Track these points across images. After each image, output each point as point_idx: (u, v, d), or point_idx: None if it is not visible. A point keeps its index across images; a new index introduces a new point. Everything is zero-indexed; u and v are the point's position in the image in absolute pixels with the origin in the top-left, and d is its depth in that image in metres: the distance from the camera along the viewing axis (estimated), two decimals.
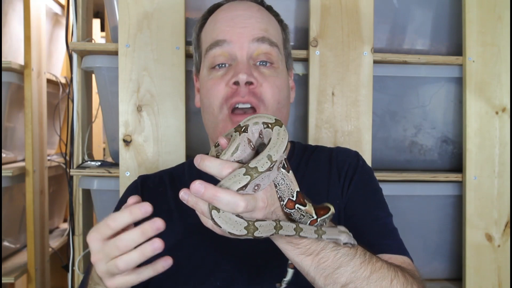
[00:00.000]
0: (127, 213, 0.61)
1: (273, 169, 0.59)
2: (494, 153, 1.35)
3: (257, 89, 0.82)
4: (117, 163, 1.30)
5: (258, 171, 0.57)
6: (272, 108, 0.83)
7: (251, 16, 0.86)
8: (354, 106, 1.30)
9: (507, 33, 1.35)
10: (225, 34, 0.85)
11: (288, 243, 0.65)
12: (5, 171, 1.45)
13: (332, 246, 0.66)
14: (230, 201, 0.55)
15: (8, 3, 1.58)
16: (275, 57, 0.86)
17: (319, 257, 0.65)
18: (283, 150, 0.60)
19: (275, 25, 0.91)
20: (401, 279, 0.69)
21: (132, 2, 1.24)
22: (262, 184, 0.59)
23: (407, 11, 1.39)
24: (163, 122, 1.25)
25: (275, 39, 0.87)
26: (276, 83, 0.84)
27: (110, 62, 1.29)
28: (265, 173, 0.58)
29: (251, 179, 0.57)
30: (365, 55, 1.30)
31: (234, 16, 0.86)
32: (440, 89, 1.40)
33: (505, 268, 1.34)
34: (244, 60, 0.83)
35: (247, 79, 0.80)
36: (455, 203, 1.39)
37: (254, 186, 0.58)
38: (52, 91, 1.81)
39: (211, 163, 0.58)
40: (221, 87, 0.83)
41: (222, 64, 0.85)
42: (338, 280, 0.66)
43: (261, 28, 0.85)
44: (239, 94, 0.81)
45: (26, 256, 1.54)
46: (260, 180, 0.58)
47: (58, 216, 2.10)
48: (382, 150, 1.41)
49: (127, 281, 0.64)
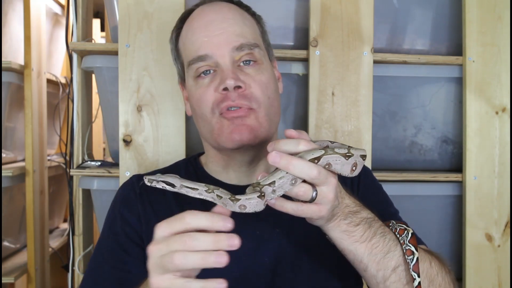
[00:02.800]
0: (208, 218, 0.58)
1: (349, 160, 0.63)
2: (494, 153, 1.35)
3: (247, 91, 0.83)
4: (117, 163, 1.30)
5: (334, 151, 0.63)
6: (264, 104, 0.84)
7: (224, 19, 0.86)
8: (354, 106, 1.30)
9: (507, 33, 1.35)
10: (204, 48, 0.85)
11: (343, 232, 0.69)
12: (5, 171, 1.45)
13: (381, 232, 0.72)
14: (304, 166, 0.60)
15: (8, 3, 1.58)
16: (257, 55, 0.86)
17: (371, 243, 0.70)
18: (361, 154, 0.65)
19: (250, 22, 0.90)
20: (436, 261, 0.76)
21: (132, 2, 1.24)
22: (333, 164, 0.63)
23: (407, 11, 1.39)
24: (163, 122, 1.25)
25: (254, 39, 0.87)
26: (262, 80, 0.85)
27: (110, 62, 1.29)
28: (340, 156, 0.63)
29: (324, 153, 0.62)
30: (365, 55, 1.30)
31: (207, 23, 0.86)
32: (440, 89, 1.40)
33: (505, 268, 1.34)
34: (228, 66, 0.84)
35: (235, 83, 0.81)
36: (455, 203, 1.39)
37: (325, 163, 0.62)
38: (52, 91, 1.81)
39: (288, 141, 0.63)
40: (209, 94, 0.84)
41: (206, 71, 0.86)
42: (388, 264, 0.71)
43: (237, 33, 0.85)
44: (229, 98, 0.82)
45: (26, 256, 1.54)
46: (333, 160, 0.63)
47: (58, 216, 2.10)
48: (382, 150, 1.41)
49: (172, 285, 0.59)
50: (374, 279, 0.73)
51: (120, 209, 0.89)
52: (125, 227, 0.86)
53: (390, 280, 0.72)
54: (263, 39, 0.92)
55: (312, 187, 0.63)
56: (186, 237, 0.58)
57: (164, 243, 0.59)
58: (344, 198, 0.69)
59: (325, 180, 0.62)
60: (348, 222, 0.70)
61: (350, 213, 0.70)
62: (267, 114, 0.84)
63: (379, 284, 0.73)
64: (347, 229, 0.69)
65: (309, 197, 0.63)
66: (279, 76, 0.97)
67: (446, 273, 0.77)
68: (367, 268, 0.71)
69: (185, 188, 0.64)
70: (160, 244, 0.59)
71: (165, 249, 0.58)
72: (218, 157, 0.90)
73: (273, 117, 0.86)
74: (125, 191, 0.92)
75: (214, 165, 0.93)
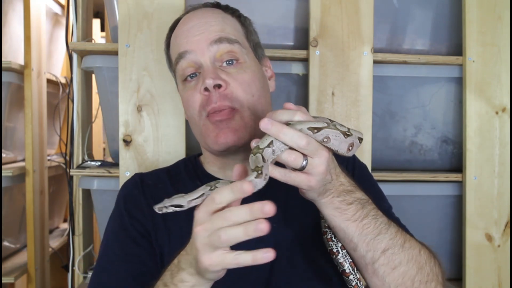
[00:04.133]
0: (229, 191, 0.60)
1: (348, 139, 0.65)
2: (494, 153, 1.35)
3: (227, 90, 0.84)
4: (117, 163, 1.30)
5: (336, 126, 0.64)
6: (248, 103, 0.85)
7: (205, 23, 0.88)
8: (354, 106, 1.30)
9: (507, 33, 1.35)
10: (185, 45, 0.88)
11: (336, 209, 0.70)
12: (5, 171, 1.45)
13: (373, 214, 0.73)
14: (294, 135, 0.62)
15: (8, 3, 1.58)
16: (238, 53, 0.87)
17: (363, 223, 0.71)
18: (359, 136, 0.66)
19: (232, 22, 0.92)
20: (426, 250, 0.77)
21: (132, 2, 1.24)
22: (332, 139, 0.64)
23: (407, 11, 1.39)
24: (163, 122, 1.25)
25: (234, 36, 0.89)
26: (244, 79, 0.86)
27: (110, 62, 1.29)
28: (339, 133, 0.64)
29: (326, 126, 0.63)
30: (365, 55, 1.30)
31: (189, 28, 0.89)
32: (440, 89, 1.40)
33: (505, 268, 1.34)
34: (208, 65, 0.86)
35: (213, 82, 0.82)
36: (455, 203, 1.39)
37: (325, 136, 0.64)
38: (52, 91, 1.81)
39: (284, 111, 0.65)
40: (196, 97, 0.86)
41: (192, 74, 0.88)
42: (378, 246, 0.72)
43: (216, 30, 0.87)
44: (212, 101, 0.83)
45: (26, 256, 1.54)
46: (333, 135, 0.64)
47: (58, 216, 2.10)
48: (382, 150, 1.41)
49: (224, 260, 0.61)
50: (363, 260, 0.74)
51: (126, 206, 0.89)
52: (134, 222, 0.87)
53: (379, 262, 0.73)
54: (247, 39, 0.93)
55: (304, 156, 0.64)
56: (225, 213, 0.59)
57: (208, 223, 0.60)
58: (339, 176, 0.70)
59: (315, 152, 0.64)
60: (341, 200, 0.71)
61: (344, 192, 0.71)
62: (253, 113, 0.85)
63: (367, 266, 0.74)
64: (339, 206, 0.70)
65: (299, 165, 0.64)
66: (272, 75, 0.98)
67: (434, 264, 0.78)
68: (357, 247, 0.73)
69: (193, 201, 0.66)
70: (204, 225, 0.61)
71: (210, 227, 0.60)
72: (213, 157, 0.92)
73: (261, 115, 0.86)
74: (129, 189, 0.93)
75: (211, 166, 0.95)
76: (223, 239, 0.59)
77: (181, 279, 0.68)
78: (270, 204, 0.59)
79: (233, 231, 0.59)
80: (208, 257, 0.61)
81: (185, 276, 0.67)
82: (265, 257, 0.60)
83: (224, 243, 0.59)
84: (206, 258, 0.61)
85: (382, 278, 0.74)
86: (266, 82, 0.93)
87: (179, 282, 0.68)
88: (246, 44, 0.91)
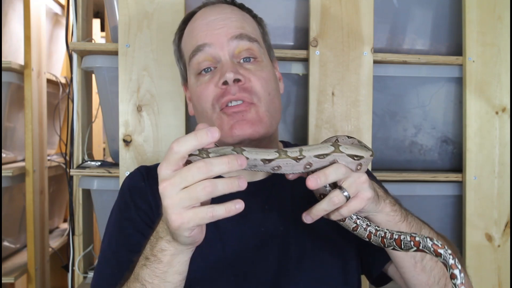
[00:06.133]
0: (191, 136, 0.56)
1: (299, 163, 0.63)
2: (494, 153, 1.35)
3: (246, 84, 0.82)
4: (117, 163, 1.30)
5: (287, 154, 0.62)
6: (264, 99, 0.84)
7: (225, 18, 0.87)
8: (354, 106, 1.30)
9: (507, 33, 1.35)
10: (204, 38, 0.86)
11: (389, 214, 0.70)
12: (5, 171, 1.45)
13: (408, 212, 0.75)
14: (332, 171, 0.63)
15: (8, 3, 1.58)
16: (256, 51, 0.87)
17: (408, 221, 0.73)
18: (316, 154, 0.63)
19: (251, 21, 0.91)
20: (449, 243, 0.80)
21: (132, 2, 1.24)
22: (283, 168, 0.63)
23: (407, 11, 1.39)
24: (163, 122, 1.25)
25: (253, 35, 0.88)
26: (263, 76, 0.85)
27: (110, 62, 1.29)
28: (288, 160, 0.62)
29: (278, 156, 0.62)
30: (365, 55, 1.30)
31: (209, 21, 0.87)
32: (440, 89, 1.40)
33: (505, 268, 1.34)
34: (228, 60, 0.84)
35: (234, 76, 0.81)
36: (455, 203, 1.39)
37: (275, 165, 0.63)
38: (52, 91, 1.81)
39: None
40: (210, 90, 0.84)
41: (207, 68, 0.86)
42: None
43: (237, 26, 0.86)
44: (229, 92, 0.81)
45: (26, 256, 1.54)
46: (284, 164, 0.63)
47: (58, 216, 2.10)
48: (382, 150, 1.41)
49: (197, 215, 0.56)
50: (413, 259, 0.74)
51: (132, 197, 0.88)
52: (140, 213, 0.86)
53: (426, 257, 0.74)
54: (263, 39, 0.93)
55: (340, 190, 0.64)
56: (200, 163, 0.56)
57: (176, 177, 0.56)
58: (372, 182, 0.70)
59: (350, 173, 0.64)
60: (389, 202, 0.71)
61: (384, 195, 0.72)
62: (268, 110, 0.84)
63: (416, 264, 0.75)
64: (391, 209, 0.71)
65: (344, 198, 0.64)
66: (280, 77, 0.97)
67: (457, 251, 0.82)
68: None
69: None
70: (172, 179, 0.57)
71: (179, 181, 0.56)
72: None
73: (274, 114, 0.86)
74: (134, 180, 0.91)
75: None
76: (208, 190, 0.55)
77: (160, 248, 0.64)
78: (240, 156, 0.57)
79: (219, 183, 0.56)
80: (179, 216, 0.57)
81: (164, 245, 0.64)
82: (238, 208, 0.57)
83: (207, 195, 0.56)
84: (176, 217, 0.57)
85: (429, 273, 0.75)
86: (278, 84, 0.92)
87: (158, 253, 0.65)
88: (262, 44, 0.91)
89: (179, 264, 0.65)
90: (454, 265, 0.59)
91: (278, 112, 0.89)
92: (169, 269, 0.65)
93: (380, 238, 0.68)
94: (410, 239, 0.64)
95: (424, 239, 0.62)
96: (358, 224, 0.70)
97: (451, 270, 0.59)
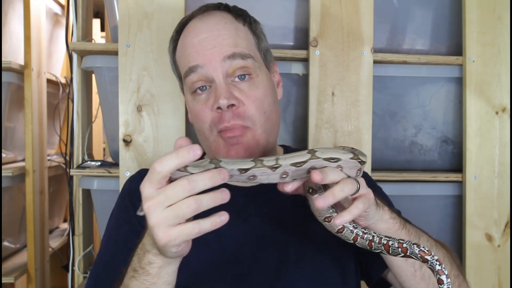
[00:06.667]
0: (173, 155, 0.56)
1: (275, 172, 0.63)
2: (494, 153, 1.35)
3: (240, 108, 0.82)
4: (117, 163, 1.30)
5: (263, 163, 0.62)
6: (260, 121, 0.83)
7: (217, 36, 0.85)
8: (354, 106, 1.30)
9: (507, 33, 1.35)
10: (196, 59, 0.84)
11: (388, 222, 0.71)
12: (5, 171, 1.45)
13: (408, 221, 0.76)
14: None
15: (8, 3, 1.58)
16: (251, 68, 0.85)
17: (407, 229, 0.73)
18: (292, 162, 0.63)
19: (244, 33, 0.88)
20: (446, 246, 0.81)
21: (132, 2, 1.24)
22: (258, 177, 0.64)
23: (407, 11, 1.39)
24: (163, 122, 1.25)
25: (247, 50, 0.86)
26: (257, 96, 0.84)
27: (110, 62, 1.29)
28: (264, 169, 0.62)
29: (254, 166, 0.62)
30: (365, 55, 1.30)
31: (201, 40, 0.85)
32: (440, 89, 1.40)
33: (505, 268, 1.34)
34: (221, 82, 0.83)
35: (227, 103, 0.80)
36: (455, 203, 1.39)
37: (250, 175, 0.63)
38: (52, 91, 1.81)
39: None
40: (207, 112, 0.84)
41: (202, 87, 0.85)
42: None
43: (230, 44, 0.84)
44: (224, 120, 0.81)
45: (26, 256, 1.54)
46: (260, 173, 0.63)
47: (58, 216, 2.10)
48: (382, 150, 1.41)
49: (183, 232, 0.57)
50: (413, 267, 0.75)
51: (132, 200, 0.88)
52: (139, 217, 0.85)
53: (425, 265, 0.74)
54: (258, 49, 0.90)
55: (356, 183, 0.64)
56: (184, 181, 0.56)
57: (161, 196, 0.57)
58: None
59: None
60: (387, 210, 0.72)
61: (381, 203, 0.72)
62: (264, 131, 0.84)
63: (416, 272, 0.75)
64: (390, 216, 0.71)
65: (356, 187, 0.64)
66: (279, 81, 0.96)
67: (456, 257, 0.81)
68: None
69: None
70: (156, 198, 0.57)
71: (164, 200, 0.57)
72: None
73: (271, 131, 0.86)
74: (135, 183, 0.91)
75: None
76: (193, 207, 0.56)
77: (148, 261, 0.65)
78: (223, 170, 0.57)
79: (203, 198, 0.56)
80: (165, 233, 0.57)
81: (151, 258, 0.64)
82: (223, 220, 0.58)
83: (192, 212, 0.56)
84: (163, 234, 0.58)
85: (428, 280, 0.76)
86: (276, 93, 0.91)
87: (146, 265, 0.65)
88: (258, 56, 0.89)
89: (167, 275, 0.66)
90: (441, 271, 0.61)
91: (276, 125, 0.89)
92: (158, 281, 0.66)
93: (367, 241, 0.67)
94: (398, 245, 0.64)
95: (411, 246, 0.63)
96: (345, 226, 0.68)
97: (438, 275, 0.61)
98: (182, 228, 0.57)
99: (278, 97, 0.93)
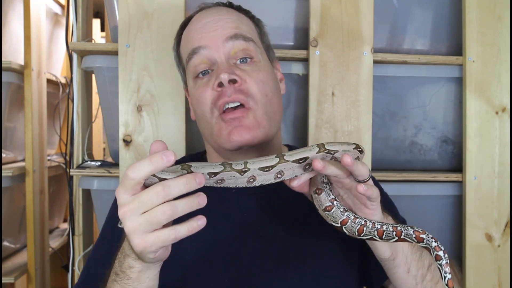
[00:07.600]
0: (146, 162, 0.55)
1: (243, 176, 0.63)
2: (494, 153, 1.35)
3: (243, 85, 0.82)
4: (117, 163, 1.30)
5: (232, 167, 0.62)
6: (261, 102, 0.83)
7: (220, 19, 0.86)
8: (354, 106, 1.30)
9: (507, 33, 1.35)
10: (199, 40, 0.85)
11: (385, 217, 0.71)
12: (5, 171, 1.45)
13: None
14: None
15: (8, 3, 1.58)
16: (253, 51, 0.86)
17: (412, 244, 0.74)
18: (260, 166, 0.63)
19: (246, 21, 0.91)
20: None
21: (132, 2, 1.24)
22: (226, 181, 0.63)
23: (407, 11, 1.39)
24: (163, 122, 1.25)
25: (249, 34, 0.87)
26: (259, 77, 0.84)
27: (110, 62, 1.29)
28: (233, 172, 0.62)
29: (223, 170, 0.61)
30: (365, 55, 1.30)
31: (204, 24, 0.87)
32: (440, 89, 1.40)
33: (505, 268, 1.34)
34: (223, 61, 0.83)
35: (229, 77, 0.80)
36: (455, 203, 1.39)
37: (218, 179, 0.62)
38: (52, 91, 1.81)
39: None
40: (208, 93, 0.83)
41: (204, 71, 0.85)
42: (424, 262, 0.76)
43: (232, 26, 0.86)
44: (225, 95, 0.81)
45: (26, 256, 1.54)
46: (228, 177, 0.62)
47: (58, 216, 2.10)
48: (382, 150, 1.41)
49: (159, 238, 0.57)
50: (414, 280, 0.76)
51: None
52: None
53: (427, 278, 0.76)
54: (261, 40, 0.92)
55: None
56: (158, 187, 0.56)
57: (135, 202, 0.56)
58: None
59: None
60: (391, 219, 0.72)
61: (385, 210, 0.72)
62: (266, 113, 0.83)
63: (417, 285, 0.76)
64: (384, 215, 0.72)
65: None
66: (282, 78, 0.96)
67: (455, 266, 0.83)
68: (410, 267, 0.75)
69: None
70: (131, 204, 0.57)
71: (138, 206, 0.56)
72: (220, 159, 0.90)
73: (273, 116, 0.85)
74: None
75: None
76: (168, 214, 0.55)
77: (128, 265, 0.64)
78: (199, 175, 0.57)
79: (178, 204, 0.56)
80: (142, 240, 0.57)
81: (131, 262, 0.64)
82: (200, 224, 0.58)
83: (167, 218, 0.56)
84: (140, 240, 0.57)
85: None
86: (278, 84, 0.91)
87: (127, 269, 0.65)
88: (260, 44, 0.90)
89: (148, 279, 0.65)
90: (438, 247, 0.62)
91: (278, 113, 0.88)
92: (138, 285, 0.65)
93: (359, 225, 0.64)
94: (393, 229, 0.64)
95: (406, 228, 0.64)
96: (334, 205, 0.65)
97: (435, 252, 0.61)
98: (158, 235, 0.57)
99: (281, 91, 0.93)
